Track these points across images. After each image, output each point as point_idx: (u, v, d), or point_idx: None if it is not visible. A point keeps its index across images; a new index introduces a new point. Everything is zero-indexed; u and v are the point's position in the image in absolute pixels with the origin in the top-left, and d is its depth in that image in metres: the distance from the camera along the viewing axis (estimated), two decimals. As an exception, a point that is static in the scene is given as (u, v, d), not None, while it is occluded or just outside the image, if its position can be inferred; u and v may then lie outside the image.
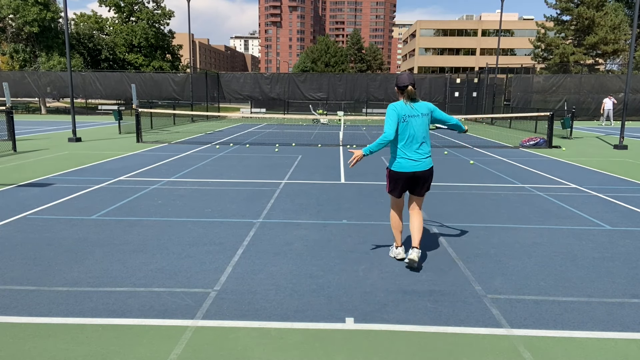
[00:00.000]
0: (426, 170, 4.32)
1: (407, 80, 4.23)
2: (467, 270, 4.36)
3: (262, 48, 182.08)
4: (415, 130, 4.21)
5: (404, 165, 4.27)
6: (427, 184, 4.41)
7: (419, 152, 4.28)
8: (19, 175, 8.92)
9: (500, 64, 29.61)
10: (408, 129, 4.21)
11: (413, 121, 4.20)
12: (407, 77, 4.27)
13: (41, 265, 4.38)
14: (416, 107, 4.23)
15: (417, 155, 4.27)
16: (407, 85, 4.20)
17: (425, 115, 4.27)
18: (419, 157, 4.28)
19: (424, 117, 4.26)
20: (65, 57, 33.16)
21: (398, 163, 4.30)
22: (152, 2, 50.64)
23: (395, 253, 4.58)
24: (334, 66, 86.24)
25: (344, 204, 6.94)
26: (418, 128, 4.22)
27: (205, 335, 3.15)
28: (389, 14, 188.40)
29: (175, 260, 4.54)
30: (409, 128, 4.21)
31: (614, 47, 41.09)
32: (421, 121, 4.23)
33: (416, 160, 4.27)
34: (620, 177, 9.47)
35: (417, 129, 4.22)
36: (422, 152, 4.29)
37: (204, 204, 6.86)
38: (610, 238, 5.38)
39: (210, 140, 16.34)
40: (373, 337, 3.15)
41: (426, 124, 4.27)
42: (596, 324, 3.36)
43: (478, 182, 8.84)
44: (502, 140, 17.45)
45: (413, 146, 4.25)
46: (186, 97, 32.22)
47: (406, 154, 4.26)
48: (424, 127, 4.26)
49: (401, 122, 4.19)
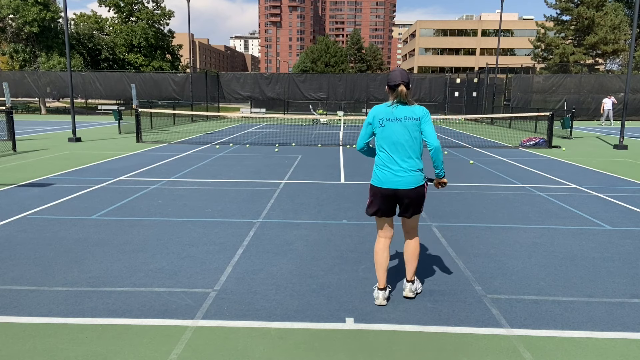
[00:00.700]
0: (409, 189, 3.49)
1: (399, 78, 3.49)
2: (467, 270, 4.36)
3: (262, 48, 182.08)
4: (397, 137, 3.46)
5: (382, 179, 3.53)
6: (412, 206, 3.57)
7: (403, 164, 3.48)
8: (19, 175, 8.92)
9: (500, 64, 29.61)
10: (387, 135, 3.49)
11: (391, 126, 3.46)
12: (400, 74, 3.53)
13: (41, 265, 4.38)
14: (398, 110, 3.48)
15: (399, 168, 3.48)
16: (399, 84, 3.47)
17: (410, 119, 3.46)
18: (401, 172, 3.47)
19: (408, 121, 3.46)
20: (65, 57, 33.16)
21: (376, 176, 3.59)
22: (152, 2, 50.66)
23: (375, 295, 3.67)
24: (334, 66, 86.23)
25: (344, 204, 6.94)
26: (400, 134, 3.45)
27: (205, 335, 3.15)
28: (389, 14, 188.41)
29: (175, 260, 4.54)
30: (388, 134, 3.48)
31: (614, 47, 41.09)
32: (402, 126, 3.45)
33: (397, 174, 3.48)
34: (620, 177, 9.47)
35: (399, 135, 3.46)
36: (406, 165, 3.48)
37: (204, 204, 6.86)
38: (610, 238, 5.38)
39: (210, 140, 16.34)
40: (373, 337, 3.15)
41: (412, 131, 3.46)
42: (596, 324, 3.36)
43: (478, 182, 8.84)
44: (502, 140, 17.44)
45: (396, 156, 3.49)
46: (186, 97, 32.22)
47: (386, 165, 3.52)
48: (409, 134, 3.46)
49: (378, 127, 3.53)
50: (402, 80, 3.48)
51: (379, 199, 3.59)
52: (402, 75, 3.51)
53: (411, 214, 3.62)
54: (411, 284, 3.71)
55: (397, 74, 3.52)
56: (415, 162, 3.50)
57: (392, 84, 3.52)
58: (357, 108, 34.96)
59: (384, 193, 3.55)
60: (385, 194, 3.55)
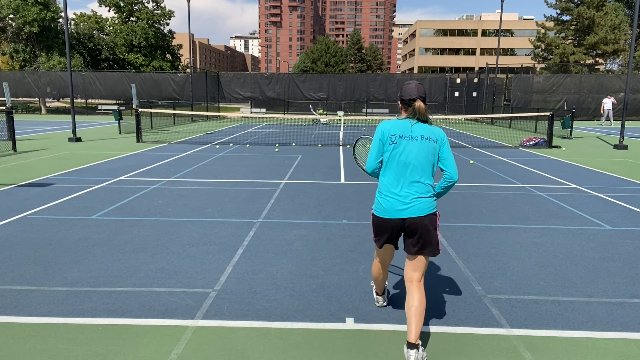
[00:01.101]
0: (420, 217, 2.92)
1: (414, 92, 2.97)
2: (467, 270, 4.36)
3: (262, 48, 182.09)
4: (411, 157, 2.91)
5: (387, 207, 2.95)
6: (423, 239, 2.94)
7: (411, 189, 2.93)
8: (19, 175, 8.92)
9: (500, 64, 29.61)
10: (398, 155, 2.93)
11: (408, 145, 2.93)
12: (417, 87, 3.00)
13: (41, 265, 4.38)
14: (416, 128, 2.96)
15: (407, 193, 2.92)
16: (415, 99, 2.96)
17: (429, 140, 2.94)
18: (411, 197, 2.92)
19: (427, 142, 2.93)
20: (65, 57, 33.16)
21: (379, 204, 3.01)
22: (152, 2, 50.68)
23: (375, 298, 3.64)
24: (334, 66, 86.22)
25: (344, 203, 6.94)
26: (415, 155, 2.91)
27: (205, 335, 3.15)
28: (389, 14, 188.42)
29: (175, 260, 4.54)
30: (400, 153, 2.93)
31: (614, 47, 41.09)
32: (420, 147, 2.92)
33: (404, 202, 2.92)
34: (620, 177, 9.47)
35: (414, 156, 2.91)
36: (416, 190, 2.93)
37: (204, 204, 6.86)
38: (610, 238, 5.38)
39: (210, 140, 16.34)
40: (373, 337, 3.15)
41: (429, 153, 2.93)
42: (596, 324, 3.36)
43: (478, 182, 8.84)
44: (502, 140, 17.44)
45: (404, 179, 2.93)
46: (186, 97, 32.22)
47: (391, 190, 2.95)
48: (425, 156, 2.92)
49: (388, 144, 2.96)
50: (419, 95, 2.98)
51: (384, 231, 3.03)
52: (418, 89, 3.00)
53: (421, 249, 2.95)
54: (416, 351, 2.78)
55: (413, 87, 3.00)
56: (426, 187, 2.95)
57: (406, 98, 2.99)
58: (357, 108, 34.96)
59: (389, 225, 2.98)
60: (392, 225, 2.97)
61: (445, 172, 2.99)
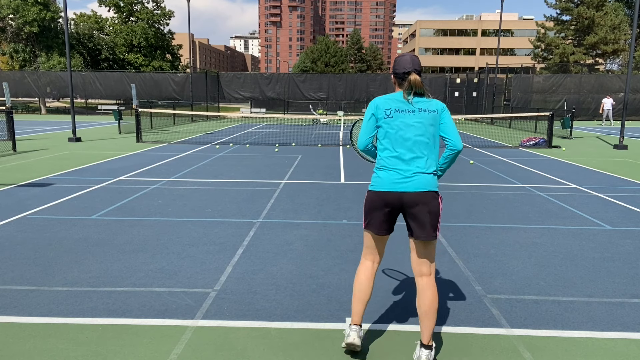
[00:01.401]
0: (420, 192, 2.71)
1: (409, 64, 2.77)
2: (467, 270, 4.36)
3: (262, 48, 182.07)
4: (409, 131, 2.72)
5: (386, 180, 2.74)
6: (428, 217, 2.72)
7: (413, 165, 2.73)
8: (19, 175, 8.92)
9: (500, 64, 29.61)
10: (395, 129, 2.74)
11: (406, 118, 2.73)
12: (412, 59, 2.79)
13: (41, 265, 4.38)
14: (415, 101, 2.76)
15: (407, 167, 2.73)
16: (410, 72, 2.75)
17: (428, 112, 2.75)
18: (410, 172, 2.72)
19: (426, 113, 2.74)
20: (65, 57, 33.15)
21: (377, 178, 2.80)
22: (152, 2, 50.67)
23: (345, 332, 2.91)
24: (334, 66, 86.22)
25: (344, 203, 6.94)
26: (413, 128, 2.72)
27: (205, 335, 3.15)
28: (389, 14, 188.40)
29: (175, 260, 4.54)
30: (397, 127, 2.73)
31: (614, 47, 41.11)
32: (419, 119, 2.72)
33: (404, 175, 2.72)
34: (620, 177, 9.47)
35: (412, 129, 2.72)
36: (417, 166, 2.74)
37: (204, 204, 6.86)
38: (610, 238, 5.38)
39: (210, 140, 16.34)
40: (373, 337, 3.15)
41: (428, 125, 2.74)
42: (596, 324, 3.36)
43: (478, 182, 8.84)
44: (502, 140, 17.45)
45: (405, 155, 2.74)
46: (186, 97, 32.23)
47: (391, 165, 2.75)
48: (424, 128, 2.73)
49: (383, 119, 2.76)
50: (414, 67, 2.77)
51: (379, 208, 2.77)
52: (413, 62, 2.78)
53: (428, 232, 2.72)
54: (429, 351, 2.71)
55: (408, 60, 2.79)
56: (429, 162, 2.76)
57: (400, 71, 2.79)
58: (357, 108, 34.96)
59: (386, 199, 2.74)
60: (388, 199, 2.73)
61: (448, 141, 2.79)
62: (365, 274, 2.91)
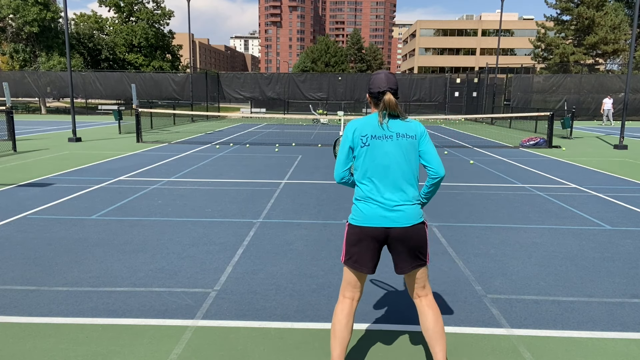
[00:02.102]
0: (408, 227, 2.53)
1: (384, 84, 2.58)
2: (467, 270, 4.36)
3: (262, 48, 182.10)
4: (388, 159, 2.53)
5: (368, 213, 2.55)
6: (415, 251, 2.57)
7: (395, 196, 2.54)
8: (19, 175, 8.92)
9: (500, 64, 29.61)
10: (373, 158, 2.54)
11: (380, 145, 2.53)
12: (386, 78, 2.61)
13: (41, 265, 4.38)
14: (390, 125, 2.56)
15: (389, 199, 2.53)
16: (384, 92, 2.57)
17: (405, 137, 2.55)
18: (392, 203, 2.53)
19: (402, 139, 2.54)
20: (65, 57, 33.17)
21: (358, 211, 2.60)
22: (152, 2, 50.69)
23: None
24: (334, 66, 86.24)
25: (344, 203, 6.94)
26: (392, 156, 2.53)
27: (205, 335, 3.15)
28: (389, 14, 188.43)
29: (175, 260, 4.54)
30: (375, 156, 2.53)
31: (614, 47, 41.11)
32: (397, 146, 2.53)
33: (387, 207, 2.53)
34: (620, 177, 9.47)
35: (391, 157, 2.52)
36: (399, 197, 2.54)
37: (204, 204, 6.86)
38: (610, 238, 5.38)
39: (210, 140, 16.34)
40: (373, 337, 3.15)
41: (407, 152, 2.54)
42: (596, 324, 3.36)
43: (478, 182, 8.84)
44: (502, 140, 17.45)
45: (385, 186, 2.54)
46: (186, 97, 32.23)
47: (372, 197, 2.56)
48: (403, 156, 2.54)
49: (359, 147, 2.56)
50: (389, 87, 2.58)
51: (364, 244, 2.56)
52: (388, 80, 2.60)
53: (415, 264, 2.58)
54: None
55: (383, 79, 2.60)
56: (411, 192, 2.57)
57: (375, 90, 2.60)
58: (357, 108, 34.97)
59: (370, 234, 2.54)
60: (373, 235, 2.53)
61: (429, 169, 2.60)
62: (343, 313, 2.62)
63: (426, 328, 2.61)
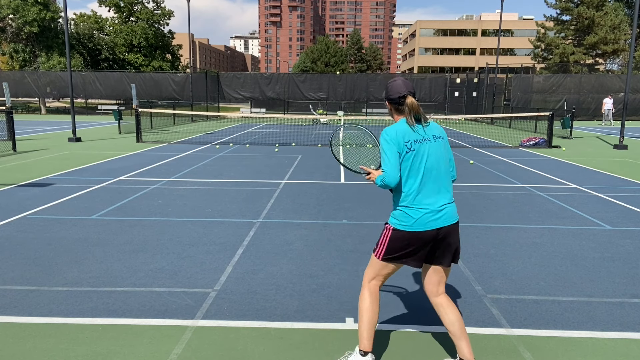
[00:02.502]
0: (453, 225, 2.67)
1: (403, 89, 2.66)
2: (467, 270, 4.36)
3: (262, 48, 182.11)
4: (433, 162, 2.63)
5: (419, 218, 2.60)
6: (456, 245, 2.72)
7: (439, 196, 2.64)
8: (19, 175, 8.92)
9: (500, 64, 29.61)
10: (420, 162, 2.60)
11: (426, 148, 2.62)
12: (404, 83, 2.69)
13: (41, 265, 4.38)
14: (425, 128, 2.67)
15: (435, 201, 2.63)
16: (405, 95, 2.65)
17: (441, 139, 2.70)
18: (440, 204, 2.64)
19: (441, 141, 2.69)
20: (65, 57, 33.17)
21: (407, 216, 2.62)
22: (152, 2, 50.69)
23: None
24: (334, 66, 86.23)
25: (344, 203, 6.94)
26: (436, 158, 2.64)
27: (205, 335, 3.15)
28: (389, 14, 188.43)
29: (175, 260, 4.54)
30: (422, 160, 2.60)
31: (614, 47, 41.10)
32: (437, 148, 2.66)
33: (435, 209, 2.62)
34: (620, 177, 9.47)
35: (435, 159, 2.63)
36: (443, 197, 2.66)
37: (204, 204, 6.86)
38: (610, 238, 5.38)
39: (210, 140, 16.34)
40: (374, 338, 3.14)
41: (445, 152, 2.70)
42: (596, 324, 3.36)
43: (478, 182, 8.84)
44: (502, 140, 17.45)
45: (430, 187, 2.63)
46: (186, 97, 32.23)
47: (421, 200, 2.61)
48: (444, 157, 2.68)
49: (406, 153, 2.59)
50: (408, 91, 2.66)
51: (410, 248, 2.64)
52: (406, 85, 2.67)
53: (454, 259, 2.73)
54: None
55: (400, 84, 2.68)
56: (451, 191, 2.73)
57: (395, 96, 2.67)
58: (357, 108, 34.97)
59: (422, 238, 2.61)
60: (424, 238, 2.62)
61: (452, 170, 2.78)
62: (372, 297, 2.77)
63: (451, 322, 2.68)
